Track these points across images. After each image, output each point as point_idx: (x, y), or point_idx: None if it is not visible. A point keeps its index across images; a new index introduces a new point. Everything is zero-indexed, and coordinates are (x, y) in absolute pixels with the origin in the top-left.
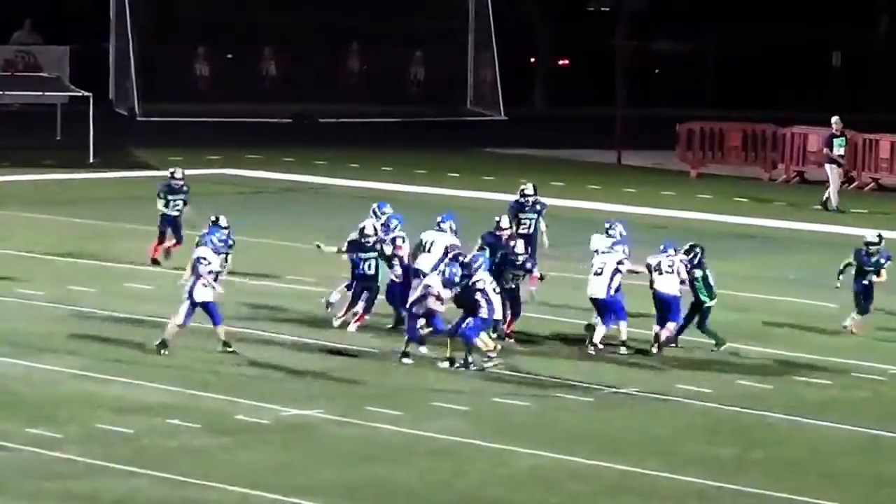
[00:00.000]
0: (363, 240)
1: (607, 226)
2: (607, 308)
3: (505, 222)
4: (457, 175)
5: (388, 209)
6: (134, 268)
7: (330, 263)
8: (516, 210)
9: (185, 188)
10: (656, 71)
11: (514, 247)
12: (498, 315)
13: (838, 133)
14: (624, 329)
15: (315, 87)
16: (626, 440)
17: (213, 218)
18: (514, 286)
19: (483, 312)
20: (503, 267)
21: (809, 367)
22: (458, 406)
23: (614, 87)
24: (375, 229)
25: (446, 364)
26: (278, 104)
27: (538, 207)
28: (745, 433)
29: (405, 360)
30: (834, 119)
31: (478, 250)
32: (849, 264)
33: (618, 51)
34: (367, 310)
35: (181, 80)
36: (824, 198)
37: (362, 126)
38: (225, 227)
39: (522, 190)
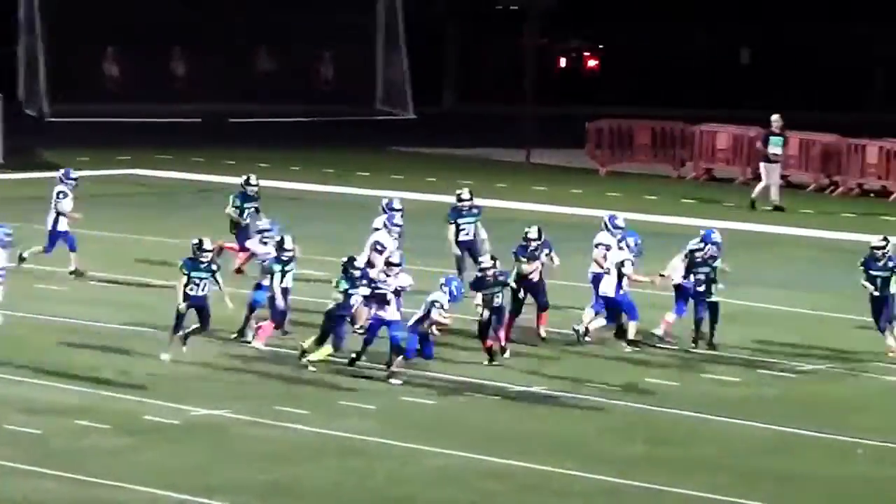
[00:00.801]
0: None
1: (608, 219)
2: (616, 306)
3: (534, 233)
4: (366, 174)
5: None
6: (44, 269)
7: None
8: (455, 216)
9: (257, 195)
10: (565, 69)
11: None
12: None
13: (777, 132)
14: (633, 328)
15: (224, 86)
16: (536, 439)
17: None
18: (498, 303)
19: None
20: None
21: (719, 364)
22: (366, 405)
23: (523, 86)
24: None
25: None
26: (188, 104)
27: (475, 212)
28: (654, 431)
29: (394, 381)
30: (774, 117)
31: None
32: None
33: (527, 49)
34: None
35: (90, 80)
36: (753, 195)
37: (272, 125)
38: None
39: (459, 195)
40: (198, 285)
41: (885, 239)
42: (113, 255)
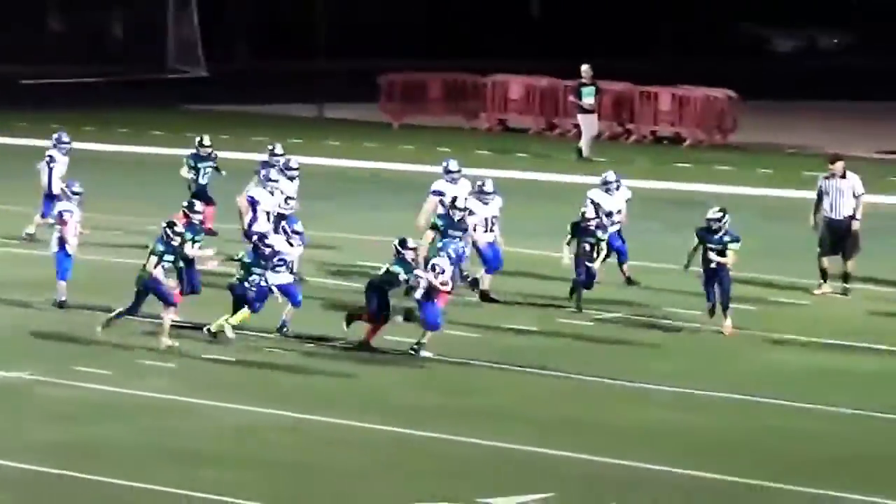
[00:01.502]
0: None
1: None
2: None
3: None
4: (160, 133)
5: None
6: None
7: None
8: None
9: (213, 155)
10: (357, 23)
11: None
12: None
13: (587, 82)
14: (486, 280)
15: (14, 48)
16: (334, 393)
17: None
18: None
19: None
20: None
21: (515, 315)
22: (166, 364)
23: (317, 40)
24: None
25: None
26: None
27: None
28: (451, 382)
29: (424, 353)
30: (584, 68)
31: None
32: (696, 247)
33: (317, 4)
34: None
35: None
36: (579, 145)
37: (63, 87)
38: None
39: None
40: (165, 267)
41: (722, 210)
42: None
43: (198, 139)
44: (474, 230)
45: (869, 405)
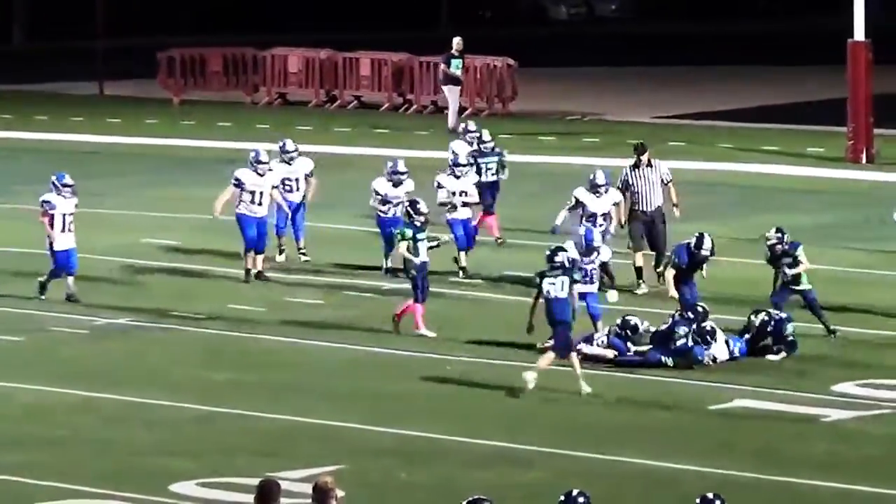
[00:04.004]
0: None
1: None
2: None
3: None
4: None
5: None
6: None
7: None
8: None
9: (496, 150)
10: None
11: None
12: None
13: (456, 54)
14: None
15: None
16: (123, 370)
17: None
18: None
19: None
20: None
21: (305, 288)
22: None
23: (96, 18)
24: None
25: None
26: None
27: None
28: (240, 357)
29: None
30: (456, 40)
31: None
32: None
33: None
34: None
35: None
36: (450, 124)
37: None
38: None
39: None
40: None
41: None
42: None
43: (473, 133)
44: None
45: None
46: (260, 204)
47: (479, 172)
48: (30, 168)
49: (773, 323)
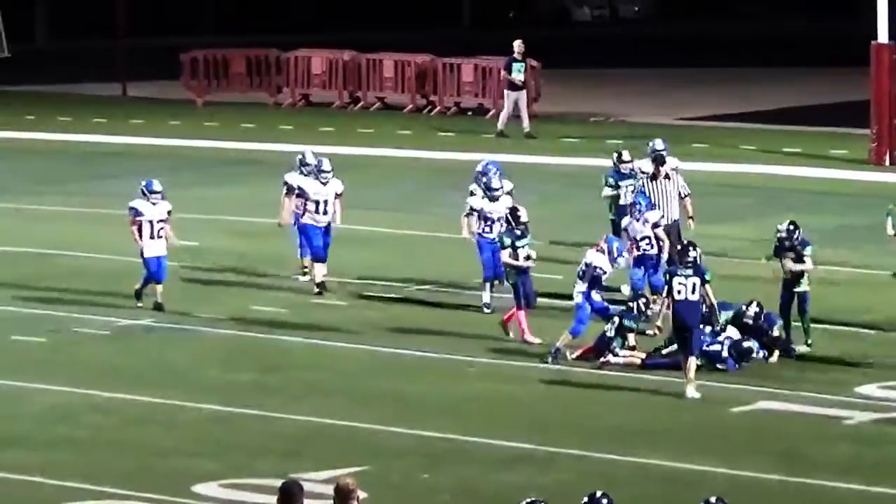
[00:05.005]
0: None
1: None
2: None
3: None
4: None
5: None
6: None
7: None
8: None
9: (633, 172)
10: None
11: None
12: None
13: (519, 57)
14: None
15: None
16: (145, 371)
17: None
18: None
19: None
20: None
21: (328, 289)
22: None
23: (119, 19)
24: None
25: None
26: None
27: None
28: (262, 358)
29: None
30: (516, 43)
31: None
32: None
33: None
34: None
35: None
36: (499, 126)
37: None
38: None
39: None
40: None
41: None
42: None
43: (615, 153)
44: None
45: None
46: (325, 213)
47: (617, 196)
48: (53, 169)
49: (764, 316)
